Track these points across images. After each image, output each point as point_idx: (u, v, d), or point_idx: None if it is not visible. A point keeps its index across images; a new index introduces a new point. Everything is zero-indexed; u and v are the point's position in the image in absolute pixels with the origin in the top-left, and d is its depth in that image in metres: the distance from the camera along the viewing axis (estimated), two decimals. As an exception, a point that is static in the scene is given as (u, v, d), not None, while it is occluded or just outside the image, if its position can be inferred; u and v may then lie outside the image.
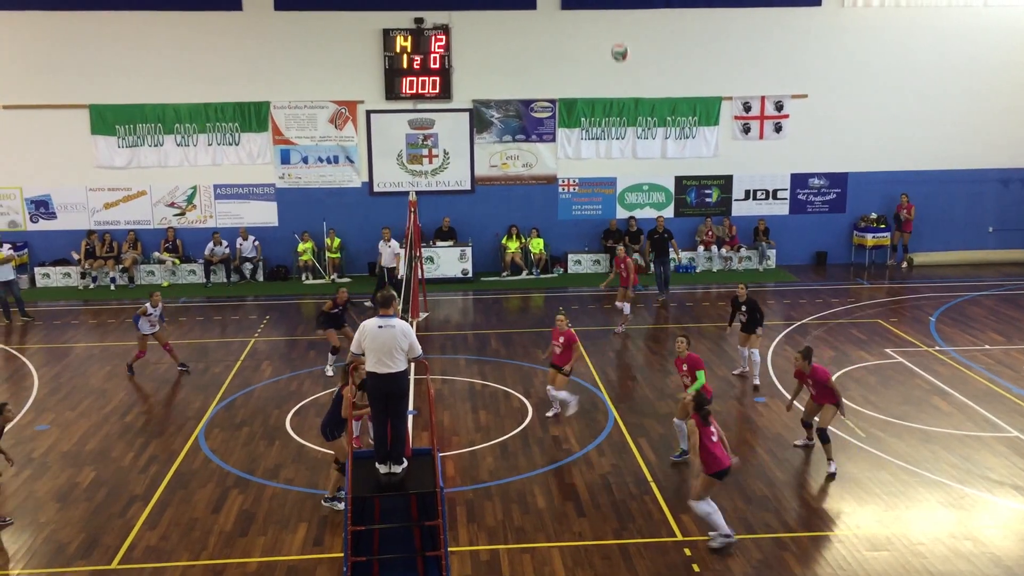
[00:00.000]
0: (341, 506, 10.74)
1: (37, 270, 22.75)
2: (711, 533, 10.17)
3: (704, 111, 23.74)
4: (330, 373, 15.73)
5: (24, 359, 16.99)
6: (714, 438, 10.08)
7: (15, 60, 22.05)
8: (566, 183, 24.03)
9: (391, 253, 21.09)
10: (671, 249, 21.08)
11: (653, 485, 11.57)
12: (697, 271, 23.75)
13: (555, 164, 23.89)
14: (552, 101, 23.51)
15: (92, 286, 22.46)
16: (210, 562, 9.91)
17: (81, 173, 22.80)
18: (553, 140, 23.74)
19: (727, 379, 15.50)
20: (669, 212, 24.17)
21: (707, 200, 24.36)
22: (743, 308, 15.12)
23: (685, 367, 12.43)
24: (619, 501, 11.18)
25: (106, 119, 22.56)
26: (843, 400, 12.23)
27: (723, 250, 23.90)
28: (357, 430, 11.70)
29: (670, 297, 21.02)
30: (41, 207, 22.97)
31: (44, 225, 22.99)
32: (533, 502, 11.17)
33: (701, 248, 23.92)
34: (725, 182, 24.28)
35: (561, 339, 13.55)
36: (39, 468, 12.33)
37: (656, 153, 23.96)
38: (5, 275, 19.42)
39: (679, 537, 10.30)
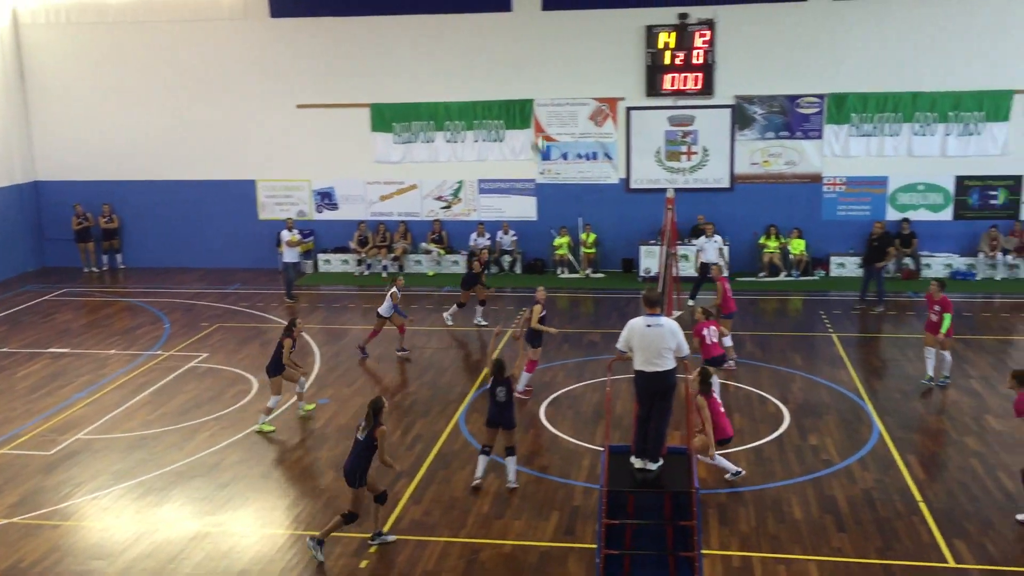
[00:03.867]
0: (391, 538, 10.34)
1: (319, 256, 24.76)
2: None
3: (992, 105, 21.85)
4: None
5: (308, 338, 18.53)
6: (722, 408, 11.49)
7: (309, 63, 24.07)
8: (832, 182, 22.95)
9: (714, 248, 20.68)
10: (883, 258, 19.72)
11: (922, 505, 10.85)
12: (977, 279, 21.93)
13: (820, 162, 22.88)
14: (820, 96, 22.52)
15: (366, 273, 24.14)
16: (468, 540, 10.39)
17: (361, 167, 24.53)
18: (819, 137, 22.74)
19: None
20: (947, 214, 22.53)
21: (992, 202, 22.41)
22: None
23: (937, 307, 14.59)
24: (883, 519, 10.57)
25: (385, 117, 24.15)
26: None
27: (1009, 257, 21.90)
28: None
29: (884, 305, 19.56)
30: (325, 198, 24.97)
31: (327, 215, 24.98)
32: (789, 512, 10.80)
33: (981, 255, 22.05)
34: (1015, 183, 22.24)
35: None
36: (319, 438, 13.43)
37: (935, 151, 22.35)
38: (292, 256, 21.35)
39: (951, 564, 9.60)
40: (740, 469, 11.61)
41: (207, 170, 25.02)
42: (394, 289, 16.89)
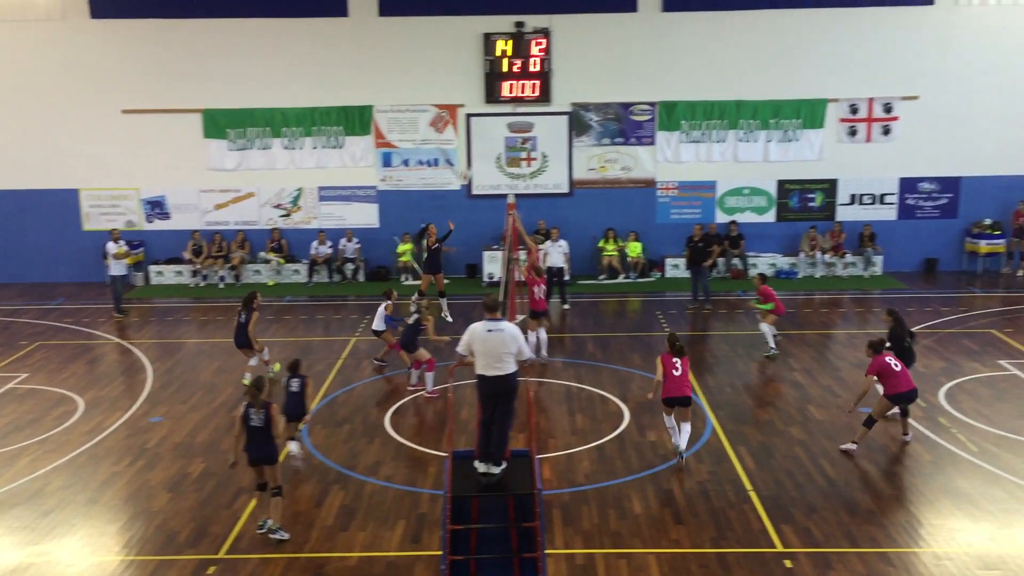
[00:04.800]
0: (284, 535, 10.51)
1: (151, 268, 23.72)
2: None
3: (808, 113, 23.24)
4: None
5: (139, 353, 17.73)
6: (676, 371, 12.04)
7: (134, 67, 23.05)
8: (665, 187, 23.82)
9: (559, 252, 20.88)
10: (709, 258, 21.04)
11: (753, 494, 11.38)
12: (799, 277, 23.24)
13: (654, 167, 23.71)
14: (652, 104, 23.34)
15: (202, 284, 23.29)
16: (312, 555, 10.17)
17: (194, 175, 23.67)
18: (652, 143, 23.56)
19: (831, 388, 15.13)
20: (771, 216, 23.78)
21: (810, 205, 23.81)
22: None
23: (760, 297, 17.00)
24: (717, 509, 11.03)
25: (218, 123, 23.38)
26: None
27: (826, 256, 23.32)
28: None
29: (713, 305, 20.52)
30: (156, 207, 23.94)
31: (159, 225, 23.96)
32: (630, 507, 11.11)
33: (802, 254, 23.40)
34: (830, 186, 23.71)
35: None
36: (152, 458, 12.84)
37: (758, 156, 23.56)
38: (120, 269, 20.35)
39: (779, 548, 10.10)
40: (680, 453, 12.15)
41: (24, 179, 23.55)
42: (388, 302, 16.18)
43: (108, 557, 10.23)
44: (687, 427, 12.23)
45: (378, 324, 16.20)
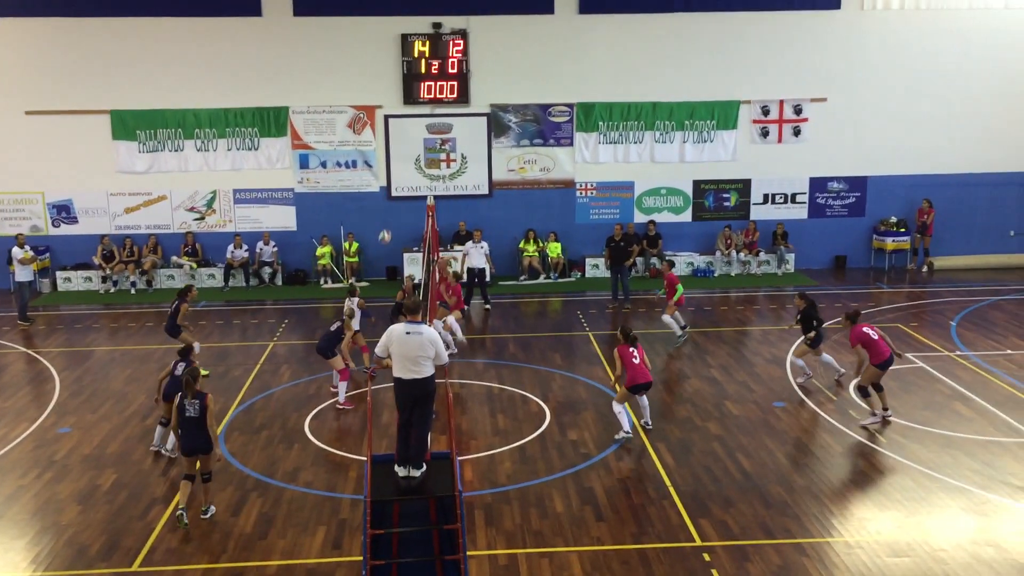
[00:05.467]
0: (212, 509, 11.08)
1: (59, 274, 22.96)
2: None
3: (722, 115, 23.70)
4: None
5: (46, 362, 17.14)
6: (635, 360, 12.79)
7: (38, 67, 22.30)
8: (584, 187, 24.02)
9: (481, 253, 20.82)
10: (630, 257, 21.31)
11: (672, 490, 11.54)
12: (715, 275, 23.69)
13: (573, 168, 23.89)
14: (570, 105, 23.52)
15: (112, 290, 22.63)
16: (230, 565, 9.95)
17: (102, 178, 23.00)
18: (571, 144, 23.75)
19: (746, 383, 15.44)
20: (687, 216, 24.18)
21: (725, 204, 24.29)
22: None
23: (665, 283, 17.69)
24: (637, 506, 11.15)
25: (127, 125, 22.75)
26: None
27: (741, 254, 23.81)
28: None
29: (632, 303, 20.86)
30: (63, 212, 23.18)
31: (66, 230, 23.21)
32: (551, 506, 11.16)
33: (718, 253, 23.85)
34: (743, 186, 24.22)
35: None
36: (61, 470, 12.42)
37: (674, 157, 23.93)
38: (25, 276, 19.68)
39: (698, 542, 10.26)
40: (628, 432, 12.91)
41: (-79, 182, 22.58)
42: (358, 299, 15.78)
43: (15, 574, 9.86)
44: (644, 400, 13.30)
45: (355, 324, 15.90)
